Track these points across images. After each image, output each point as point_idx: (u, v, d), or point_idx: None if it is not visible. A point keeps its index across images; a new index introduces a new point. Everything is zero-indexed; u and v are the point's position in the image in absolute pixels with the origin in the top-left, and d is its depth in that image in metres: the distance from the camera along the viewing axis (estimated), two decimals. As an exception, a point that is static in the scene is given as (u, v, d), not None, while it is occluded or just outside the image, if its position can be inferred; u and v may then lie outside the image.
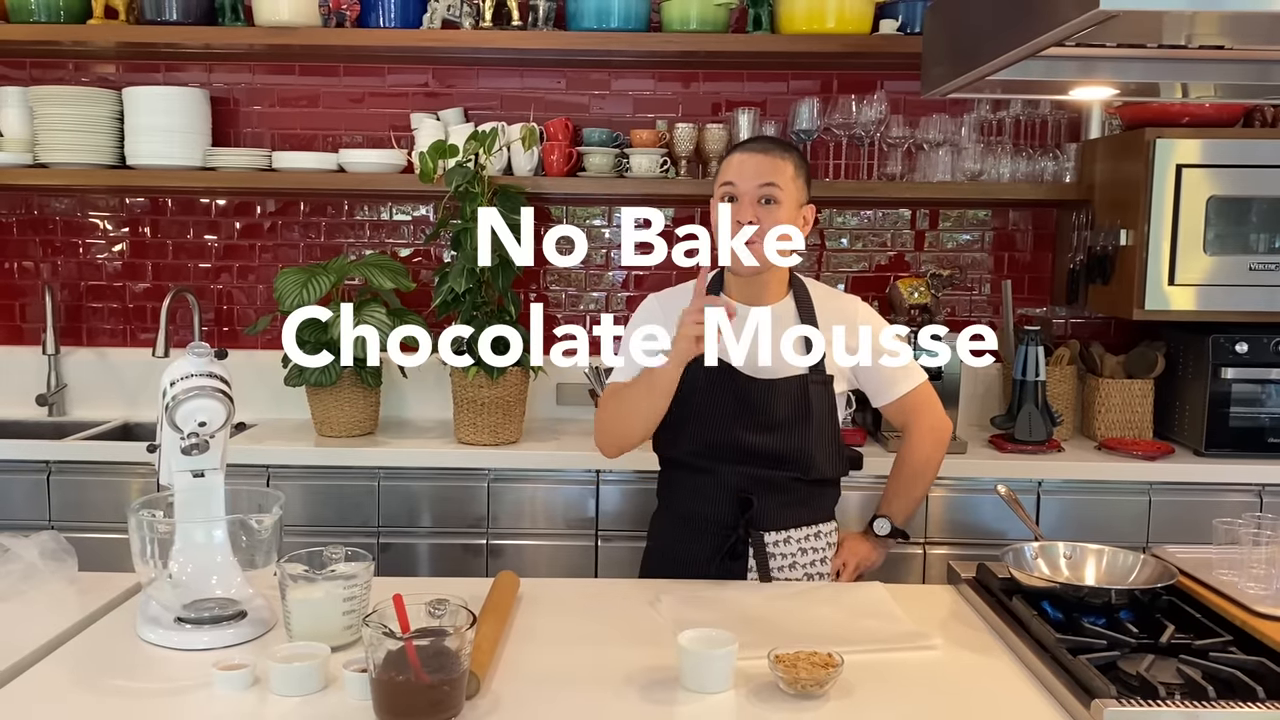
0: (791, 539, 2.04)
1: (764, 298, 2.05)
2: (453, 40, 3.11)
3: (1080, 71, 1.91)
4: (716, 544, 2.02)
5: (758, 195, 1.96)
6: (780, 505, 2.03)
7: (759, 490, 2.01)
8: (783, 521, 2.03)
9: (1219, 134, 2.92)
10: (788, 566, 2.04)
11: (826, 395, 2.05)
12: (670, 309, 2.03)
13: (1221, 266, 2.90)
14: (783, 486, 2.02)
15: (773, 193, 1.96)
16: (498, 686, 1.48)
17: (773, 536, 2.03)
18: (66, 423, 3.33)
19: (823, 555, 2.08)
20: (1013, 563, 1.82)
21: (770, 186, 1.96)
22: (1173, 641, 1.59)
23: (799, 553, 2.05)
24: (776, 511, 2.02)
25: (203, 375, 1.64)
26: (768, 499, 2.01)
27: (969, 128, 3.22)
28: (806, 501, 2.07)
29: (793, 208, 2.00)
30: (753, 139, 2.09)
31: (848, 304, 2.13)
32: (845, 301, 2.13)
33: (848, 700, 1.46)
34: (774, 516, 2.02)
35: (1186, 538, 2.65)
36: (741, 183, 1.96)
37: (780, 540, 2.03)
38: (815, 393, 2.03)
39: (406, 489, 2.92)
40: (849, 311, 2.10)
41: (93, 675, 1.51)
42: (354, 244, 3.46)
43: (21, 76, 3.37)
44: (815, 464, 2.03)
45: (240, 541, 1.65)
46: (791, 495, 2.04)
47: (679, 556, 2.05)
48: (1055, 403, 3.08)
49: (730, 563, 2.01)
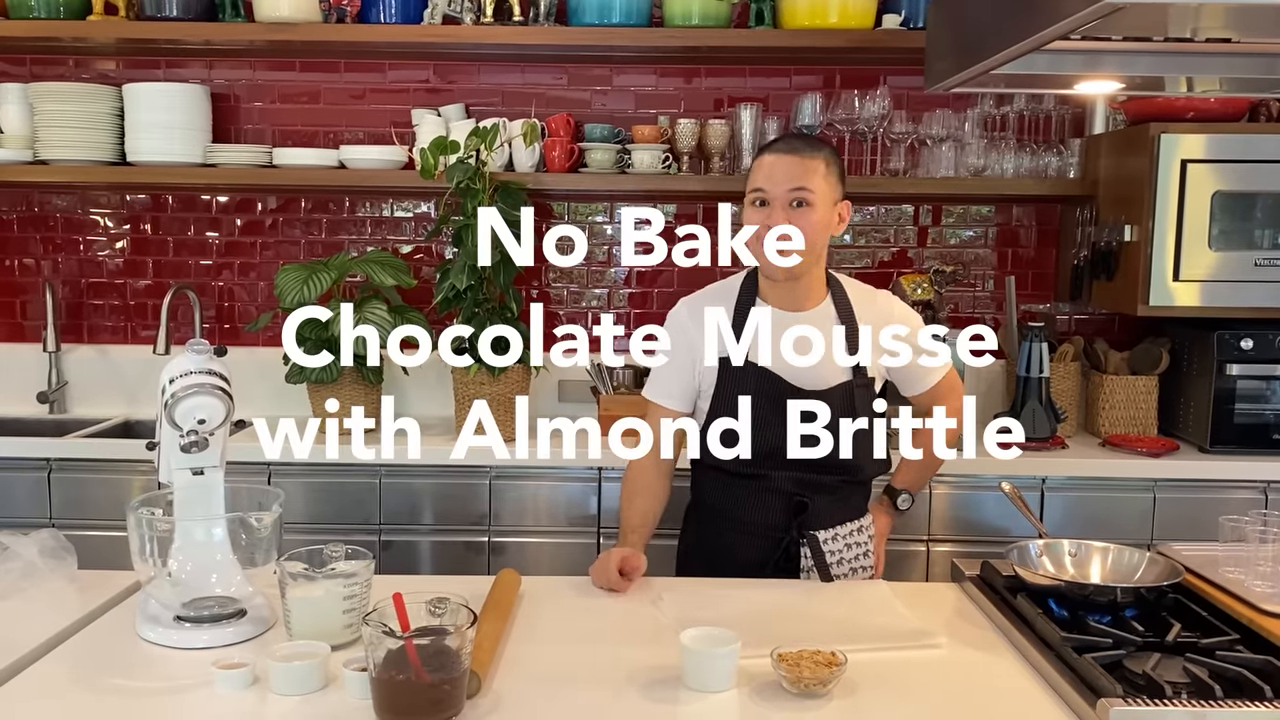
0: (839, 536, 2.06)
1: (803, 303, 2.04)
2: (454, 36, 3.09)
3: (1085, 65, 1.89)
4: (769, 547, 2.03)
5: (789, 200, 1.94)
6: (828, 505, 2.05)
7: (810, 493, 2.02)
8: (831, 520, 2.05)
9: (1224, 129, 2.90)
10: (835, 563, 2.04)
11: (869, 398, 2.07)
12: (698, 314, 2.05)
13: (1226, 262, 2.89)
14: (832, 489, 2.04)
15: (804, 196, 1.93)
16: (499, 685, 1.47)
17: (824, 535, 2.04)
18: (67, 420, 3.32)
19: (866, 549, 2.10)
20: (1017, 560, 1.81)
21: (801, 190, 1.93)
22: (1179, 640, 1.58)
23: (845, 549, 2.06)
24: (826, 512, 2.05)
25: (202, 372, 1.63)
26: (818, 500, 2.03)
27: (972, 123, 3.21)
28: (850, 499, 2.11)
29: (826, 207, 1.97)
30: (782, 139, 2.06)
31: (884, 303, 2.12)
32: (882, 301, 2.12)
33: (851, 699, 1.45)
34: (824, 517, 2.04)
35: (1191, 535, 2.63)
36: (772, 187, 1.94)
37: (829, 538, 2.05)
38: (860, 398, 2.04)
39: (408, 486, 2.91)
40: (885, 312, 2.09)
41: (92, 674, 1.50)
42: (355, 241, 3.45)
43: (22, 73, 3.36)
44: (863, 468, 2.07)
45: (240, 539, 1.64)
46: (838, 495, 2.07)
47: (721, 556, 2.07)
48: (1059, 399, 3.07)
49: (781, 564, 2.03)
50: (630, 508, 2.09)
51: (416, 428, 3.10)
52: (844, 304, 2.06)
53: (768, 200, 1.95)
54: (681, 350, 2.06)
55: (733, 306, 2.05)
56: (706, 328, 2.03)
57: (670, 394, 2.08)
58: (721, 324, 2.01)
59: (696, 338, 2.03)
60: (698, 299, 2.10)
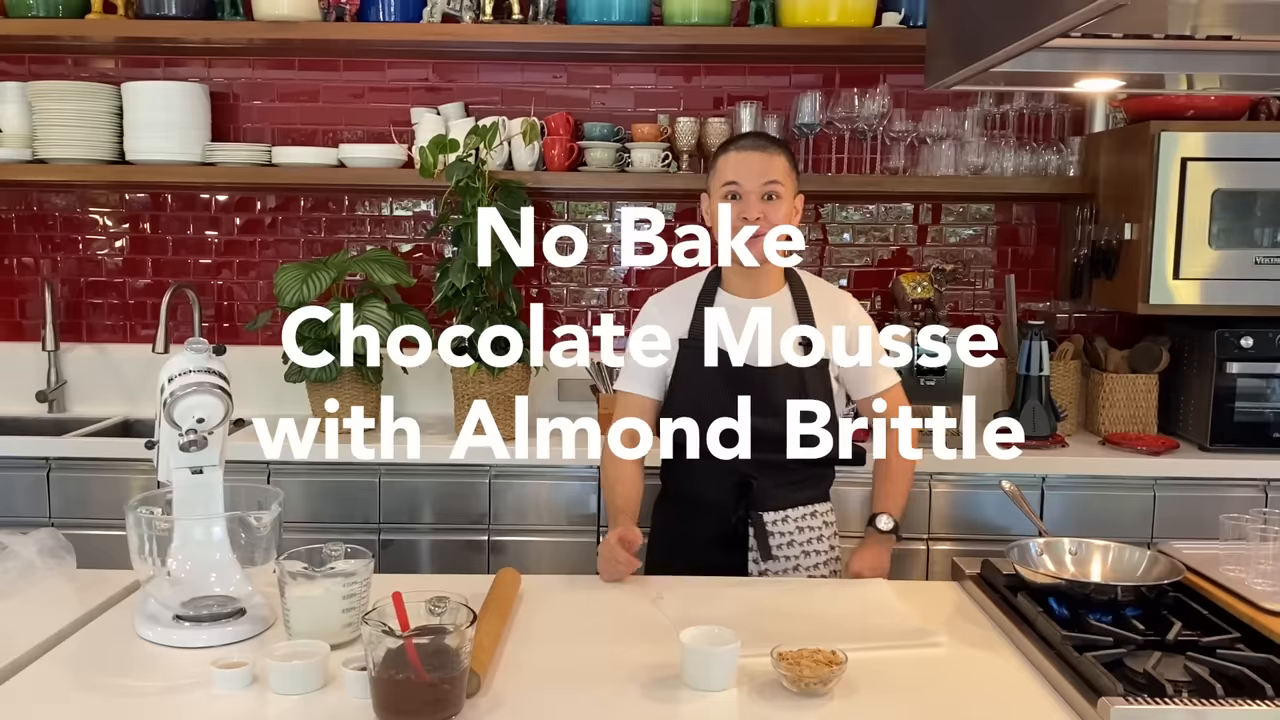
0: (789, 518, 2.11)
1: (763, 291, 2.14)
2: (453, 34, 3.09)
3: (1085, 63, 1.89)
4: (718, 526, 2.09)
5: (761, 193, 2.05)
6: (778, 486, 2.10)
7: (759, 472, 2.07)
8: (781, 501, 2.10)
9: (1224, 127, 2.90)
10: (786, 544, 2.10)
11: (822, 378, 2.12)
12: (668, 310, 2.16)
13: (1227, 260, 2.89)
14: (782, 468, 2.08)
15: (775, 189, 2.05)
16: (499, 685, 1.47)
17: (771, 516, 2.10)
18: (66, 419, 3.32)
19: (819, 533, 2.14)
20: (1018, 559, 1.81)
21: (773, 184, 2.05)
22: (1180, 638, 1.58)
23: (796, 530, 2.11)
24: (775, 492, 2.10)
25: (201, 371, 1.63)
26: (767, 480, 2.08)
27: (972, 121, 3.20)
28: (804, 483, 2.14)
29: (790, 199, 2.10)
30: (744, 136, 2.18)
31: (841, 300, 2.20)
32: (839, 298, 2.21)
33: (851, 698, 1.45)
34: (773, 497, 2.10)
35: (1191, 533, 2.63)
36: (746, 181, 2.04)
37: (779, 519, 2.10)
38: (810, 379, 2.10)
39: (407, 485, 2.91)
40: (842, 309, 2.18)
41: (91, 673, 1.50)
42: (354, 239, 3.44)
43: (20, 72, 3.36)
44: (820, 443, 2.09)
45: (239, 538, 1.64)
46: (790, 476, 2.11)
47: (682, 539, 2.15)
48: (1059, 398, 3.07)
49: (732, 542, 2.09)
50: (613, 494, 2.14)
51: (416, 427, 3.10)
52: (801, 294, 2.16)
53: (740, 194, 2.05)
54: (648, 343, 2.15)
55: (696, 297, 2.16)
56: (672, 315, 2.15)
57: (644, 383, 2.16)
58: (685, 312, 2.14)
59: (663, 327, 2.15)
60: (665, 294, 2.23)
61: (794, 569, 2.10)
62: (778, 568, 2.09)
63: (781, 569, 2.09)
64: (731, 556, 2.08)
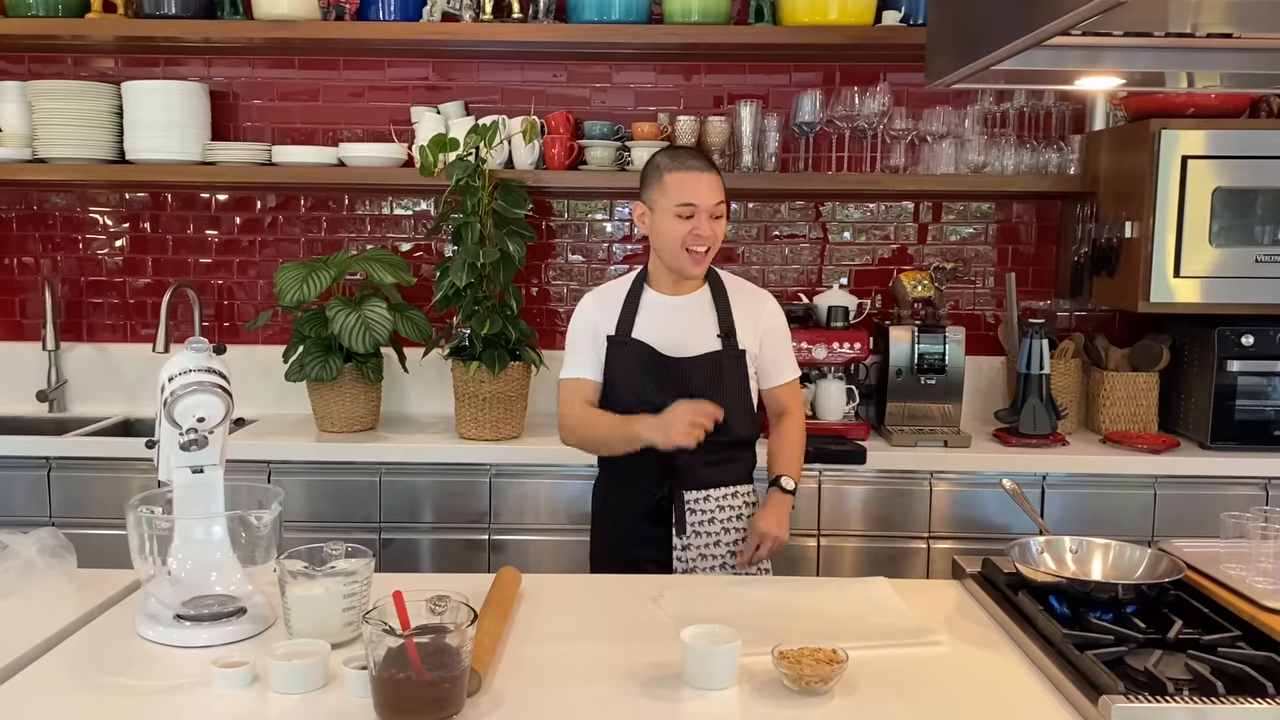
0: (711, 497, 2.24)
1: (686, 289, 2.30)
2: (453, 33, 3.09)
3: (1086, 61, 1.89)
4: (647, 502, 2.24)
5: (713, 213, 2.20)
6: (701, 465, 2.21)
7: (681, 452, 2.14)
8: (703, 481, 2.24)
9: (1225, 125, 2.90)
10: (706, 521, 2.23)
11: (739, 367, 2.28)
12: (605, 305, 2.30)
13: (1227, 259, 2.88)
14: (702, 447, 2.14)
15: (721, 209, 2.22)
16: (499, 684, 1.47)
17: (693, 495, 2.23)
18: (67, 418, 3.32)
19: (739, 513, 2.27)
20: (1018, 557, 1.80)
21: (721, 204, 2.22)
22: (1181, 637, 1.58)
23: (717, 509, 2.24)
24: (698, 471, 2.22)
25: (201, 370, 1.63)
26: (690, 459, 2.17)
27: (972, 120, 3.20)
28: (725, 464, 2.27)
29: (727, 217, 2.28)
30: (688, 154, 2.28)
31: (758, 298, 2.36)
32: (756, 295, 2.36)
33: (852, 697, 1.45)
34: (696, 476, 2.22)
35: (1192, 531, 2.63)
36: (701, 201, 2.18)
37: (700, 498, 2.23)
38: (728, 364, 2.26)
39: (408, 484, 2.91)
40: (759, 305, 2.34)
41: (91, 673, 1.50)
42: (354, 238, 3.44)
43: (20, 71, 3.36)
44: (729, 426, 2.17)
45: (240, 538, 1.64)
46: (711, 455, 2.20)
47: (614, 514, 2.33)
48: (1060, 396, 3.07)
49: (658, 517, 2.24)
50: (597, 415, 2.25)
51: (416, 426, 3.11)
52: (719, 290, 2.31)
53: (695, 213, 2.18)
54: (590, 333, 2.30)
55: (625, 295, 2.31)
56: (604, 311, 2.30)
57: (585, 367, 2.29)
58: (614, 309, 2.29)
59: (597, 321, 2.29)
60: (599, 290, 2.37)
61: (714, 543, 2.23)
62: (698, 543, 2.22)
63: (701, 544, 2.22)
64: (658, 530, 2.23)
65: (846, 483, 2.90)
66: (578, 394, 2.29)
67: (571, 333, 2.34)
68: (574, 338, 2.33)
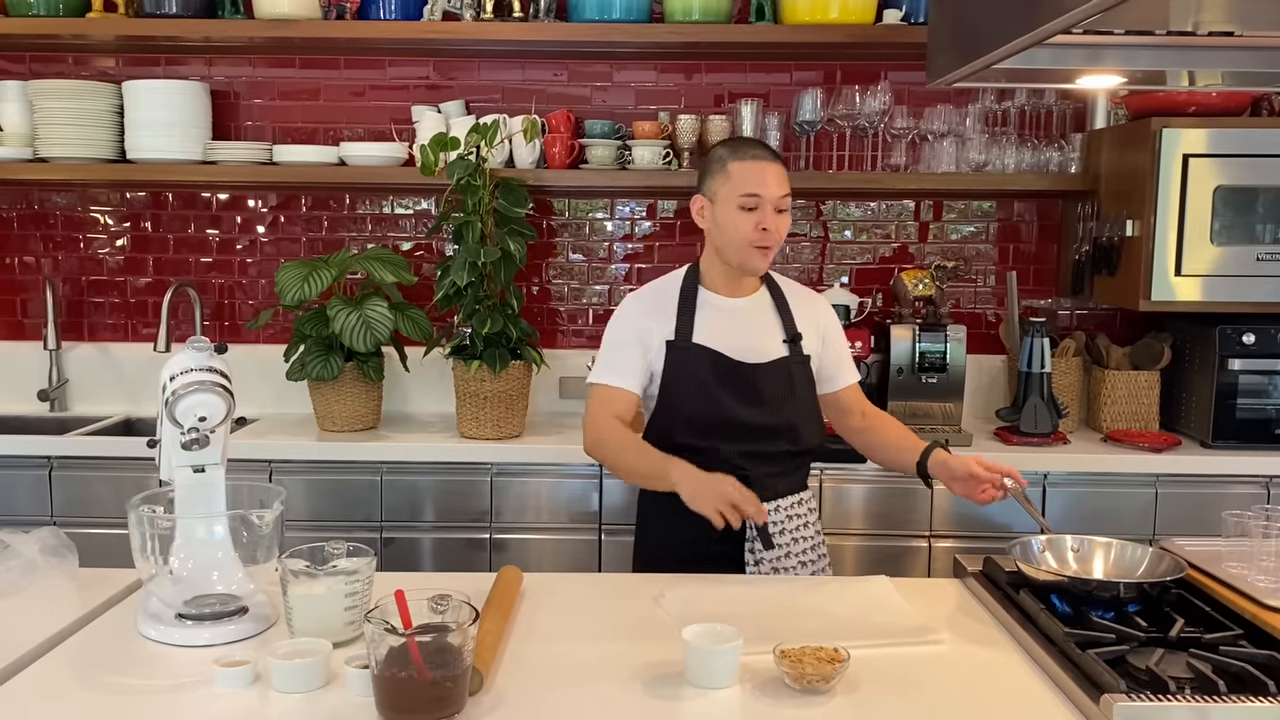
0: (780, 508, 2.11)
1: (745, 290, 2.18)
2: (454, 32, 3.09)
3: (1087, 60, 1.89)
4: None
5: (778, 205, 2.08)
6: (770, 476, 2.11)
7: (752, 464, 2.08)
8: (773, 491, 2.10)
9: (1226, 123, 2.90)
10: (777, 533, 2.10)
11: (806, 372, 2.19)
12: (651, 310, 2.14)
13: (1228, 257, 2.88)
14: (773, 458, 2.11)
15: (786, 202, 2.09)
16: (501, 682, 1.47)
17: (765, 506, 2.03)
18: (68, 418, 3.32)
19: (805, 520, 2.16)
20: (1020, 556, 1.80)
21: (786, 197, 2.09)
22: (1182, 635, 1.57)
23: (786, 519, 2.12)
24: (768, 482, 2.10)
25: (202, 370, 1.63)
26: (758, 471, 2.08)
27: (973, 118, 3.20)
28: (792, 472, 2.17)
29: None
30: (754, 144, 2.16)
31: (814, 299, 2.27)
32: (812, 296, 2.28)
33: (853, 696, 1.45)
34: (766, 487, 2.08)
35: (1193, 530, 2.63)
36: (766, 192, 2.06)
37: (771, 509, 2.09)
38: (797, 371, 2.16)
39: (409, 483, 2.91)
40: (816, 303, 2.26)
41: (93, 672, 1.50)
42: (355, 238, 3.44)
43: (21, 70, 3.36)
44: (802, 435, 2.14)
45: (241, 537, 1.64)
46: (781, 466, 2.13)
47: (672, 533, 2.08)
48: (1061, 395, 3.07)
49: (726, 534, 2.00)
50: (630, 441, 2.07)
51: (417, 425, 3.11)
52: (778, 292, 2.21)
53: (760, 204, 2.06)
54: (634, 338, 2.12)
55: (677, 295, 2.16)
56: (656, 315, 2.13)
57: (627, 377, 2.11)
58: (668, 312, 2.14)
59: (647, 325, 2.13)
60: (645, 291, 2.22)
61: (784, 555, 2.10)
62: (769, 556, 2.08)
63: (773, 556, 2.08)
64: (726, 547, 2.04)
65: (848, 482, 2.90)
66: (610, 404, 2.11)
67: (612, 336, 2.15)
68: (615, 341, 2.14)
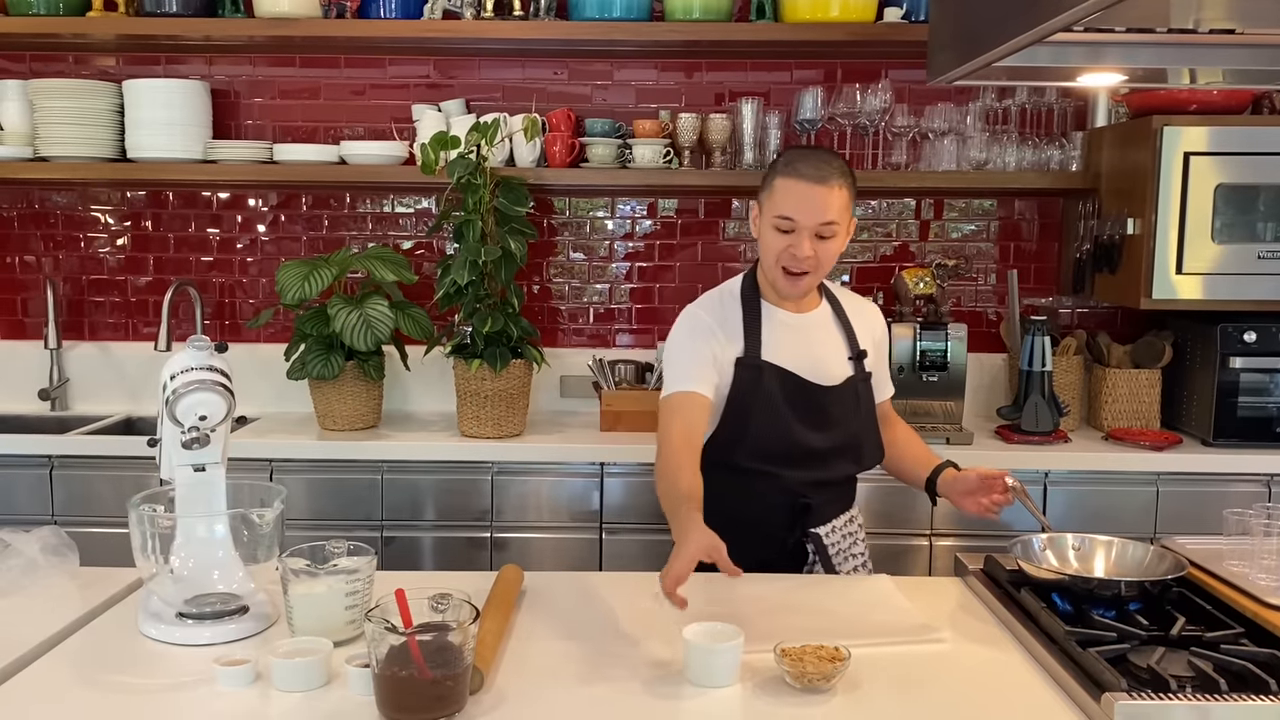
0: (836, 529, 2.08)
1: (807, 305, 2.09)
2: (454, 31, 3.09)
3: (1088, 57, 1.89)
4: (770, 546, 2.00)
5: (816, 233, 1.92)
6: (828, 501, 2.07)
7: (812, 491, 2.02)
8: (829, 515, 2.07)
9: (1227, 121, 2.89)
10: (834, 554, 2.06)
11: (869, 390, 2.12)
12: (723, 321, 2.02)
13: (1229, 255, 2.88)
14: (836, 483, 2.06)
15: (831, 229, 1.93)
16: (501, 681, 1.47)
17: (823, 529, 2.05)
18: (69, 417, 3.32)
19: (857, 536, 2.13)
20: (1021, 554, 1.80)
21: (829, 224, 1.92)
22: (1183, 634, 1.58)
23: (842, 539, 2.09)
24: (826, 509, 2.07)
25: (203, 369, 1.63)
26: (819, 498, 2.04)
27: (974, 117, 3.20)
28: (845, 494, 2.14)
29: (844, 235, 1.98)
30: (808, 157, 1.95)
31: (869, 310, 2.19)
32: (867, 308, 2.19)
33: (854, 694, 1.45)
34: (823, 513, 2.06)
35: (1194, 528, 2.63)
36: (801, 219, 1.91)
37: (829, 532, 2.06)
38: (863, 390, 2.10)
39: (410, 482, 2.91)
40: (871, 315, 2.18)
41: (94, 671, 1.50)
42: (356, 236, 3.44)
43: (21, 69, 3.35)
44: (865, 456, 2.10)
45: (242, 536, 1.64)
46: (835, 491, 2.09)
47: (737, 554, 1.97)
48: (1062, 393, 3.07)
49: (784, 561, 2.02)
50: (676, 481, 1.85)
51: (418, 424, 3.10)
52: (838, 307, 2.13)
53: (794, 229, 1.92)
54: (705, 346, 1.99)
55: (739, 308, 2.04)
56: (724, 327, 2.01)
57: (700, 381, 1.97)
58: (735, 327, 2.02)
59: (717, 336, 2.00)
60: (707, 302, 2.08)
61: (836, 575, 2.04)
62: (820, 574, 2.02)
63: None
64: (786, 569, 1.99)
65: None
66: (681, 411, 1.93)
67: (681, 344, 2.01)
68: (685, 346, 2.00)
